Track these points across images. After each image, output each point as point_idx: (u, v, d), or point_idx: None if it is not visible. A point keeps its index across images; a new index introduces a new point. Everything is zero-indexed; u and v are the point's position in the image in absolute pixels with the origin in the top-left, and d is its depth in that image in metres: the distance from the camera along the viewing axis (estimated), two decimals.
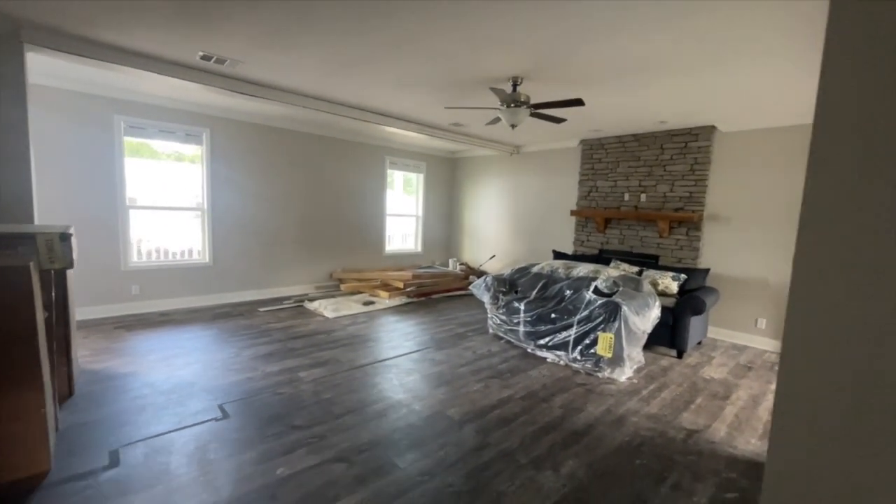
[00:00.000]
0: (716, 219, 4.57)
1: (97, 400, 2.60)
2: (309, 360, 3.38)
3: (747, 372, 3.59)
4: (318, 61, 3.10)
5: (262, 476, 1.94)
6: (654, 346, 4.01)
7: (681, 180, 4.78)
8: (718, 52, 2.56)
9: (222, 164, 4.99)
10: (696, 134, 4.62)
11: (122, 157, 4.33)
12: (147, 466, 1.97)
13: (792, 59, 2.59)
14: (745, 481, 2.06)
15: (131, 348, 3.48)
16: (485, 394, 2.91)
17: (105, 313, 4.32)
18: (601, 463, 2.17)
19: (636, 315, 3.32)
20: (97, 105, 4.13)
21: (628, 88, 3.38)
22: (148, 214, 4.62)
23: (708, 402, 2.95)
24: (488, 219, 7.13)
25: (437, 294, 6.11)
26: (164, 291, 4.71)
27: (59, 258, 2.25)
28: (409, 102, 4.16)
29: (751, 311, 4.36)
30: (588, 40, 2.50)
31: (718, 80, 3.08)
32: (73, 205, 4.06)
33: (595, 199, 5.57)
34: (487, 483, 1.96)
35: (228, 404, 2.59)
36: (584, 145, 5.64)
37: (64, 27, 2.68)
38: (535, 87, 3.40)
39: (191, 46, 2.91)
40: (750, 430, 2.58)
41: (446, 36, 2.54)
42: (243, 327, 4.18)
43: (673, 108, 3.89)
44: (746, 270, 4.38)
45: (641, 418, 2.67)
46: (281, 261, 5.64)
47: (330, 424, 2.41)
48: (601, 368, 3.31)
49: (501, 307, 4.12)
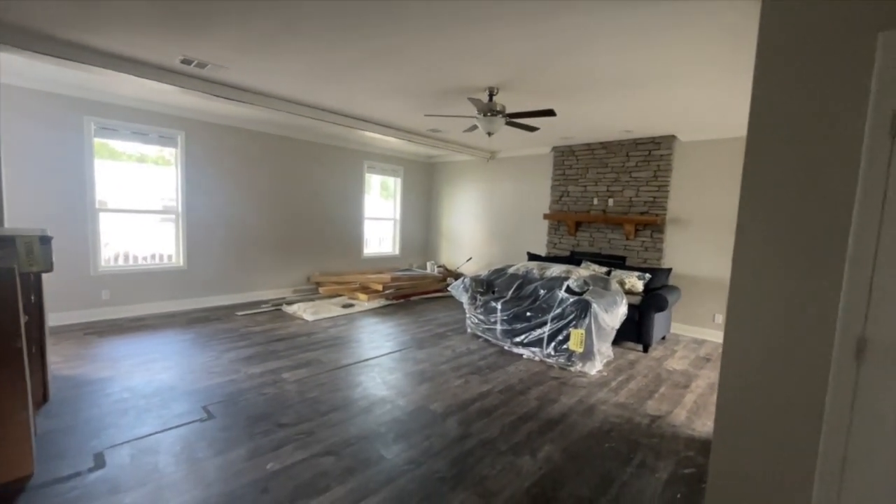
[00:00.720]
0: (677, 222, 4.91)
1: (74, 405, 2.56)
2: (291, 361, 3.42)
3: (706, 363, 3.88)
4: (302, 68, 3.18)
5: (253, 471, 1.99)
6: (622, 342, 4.26)
7: (645, 186, 5.10)
8: (673, 68, 2.82)
9: (198, 167, 4.93)
10: (659, 143, 4.96)
11: (91, 158, 4.23)
12: (135, 467, 1.99)
13: (736, 75, 2.88)
14: (700, 458, 2.28)
15: (105, 354, 3.41)
16: (465, 388, 3.05)
17: (74, 319, 4.18)
18: (574, 447, 2.34)
19: (605, 312, 3.54)
20: (66, 105, 4.03)
21: (596, 100, 3.62)
22: (119, 217, 4.51)
23: (670, 391, 3.20)
24: (465, 222, 7.30)
25: (416, 296, 6.21)
26: (136, 296, 4.60)
27: (37, 261, 2.23)
28: (390, 109, 4.28)
29: (709, 307, 4.70)
30: (559, 56, 2.70)
31: (674, 94, 3.36)
32: (41, 207, 3.93)
33: (566, 204, 5.84)
34: (471, 469, 2.09)
35: (213, 405, 2.61)
36: (556, 152, 5.91)
37: (38, 27, 2.65)
38: (511, 97, 3.59)
39: (171, 50, 2.92)
40: (707, 414, 2.82)
41: (427, 48, 2.68)
42: (222, 331, 4.15)
43: (637, 118, 4.18)
44: (704, 270, 4.72)
45: (610, 407, 2.87)
46: (258, 264, 5.60)
47: (317, 421, 2.48)
48: (573, 363, 3.51)
49: (479, 307, 4.27)
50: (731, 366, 1.56)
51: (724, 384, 1.58)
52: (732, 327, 1.54)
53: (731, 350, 1.55)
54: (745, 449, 1.53)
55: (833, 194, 1.33)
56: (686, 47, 2.46)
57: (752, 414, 1.50)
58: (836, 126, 1.32)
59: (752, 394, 1.50)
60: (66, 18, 2.50)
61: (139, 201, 4.64)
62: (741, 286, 1.52)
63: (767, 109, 1.46)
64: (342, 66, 3.08)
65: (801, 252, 1.38)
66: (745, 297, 1.52)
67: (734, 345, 1.54)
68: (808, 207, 1.37)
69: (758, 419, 1.49)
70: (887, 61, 1.21)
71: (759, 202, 1.47)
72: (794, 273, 1.40)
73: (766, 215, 1.46)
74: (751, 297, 1.50)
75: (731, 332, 1.55)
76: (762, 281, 1.47)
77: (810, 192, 1.37)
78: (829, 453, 1.33)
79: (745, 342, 1.51)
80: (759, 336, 1.48)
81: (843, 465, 1.30)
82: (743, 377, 1.52)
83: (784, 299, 1.42)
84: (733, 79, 2.92)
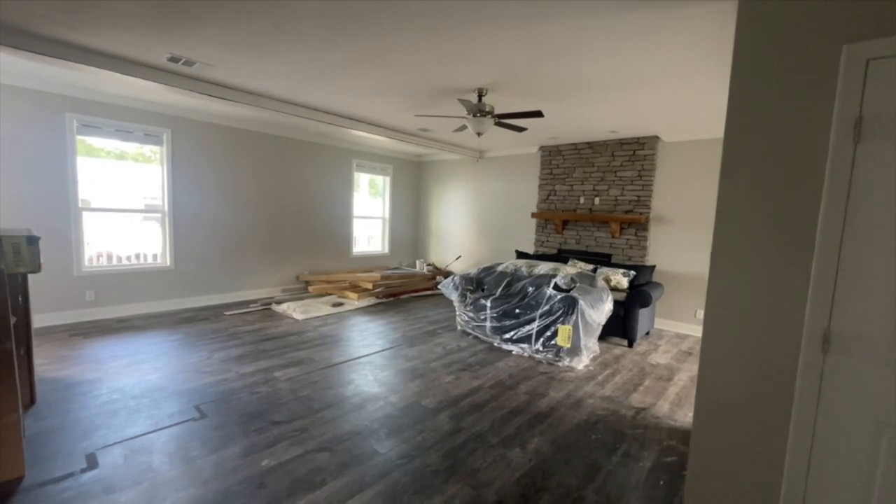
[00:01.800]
0: (660, 220, 5.05)
1: (62, 407, 2.54)
2: (283, 360, 3.43)
3: (688, 357, 4.02)
4: (291, 68, 3.18)
5: (248, 468, 2.02)
6: (607, 337, 4.38)
7: (630, 185, 5.22)
8: (655, 72, 2.91)
9: (184, 165, 4.88)
10: (643, 143, 5.08)
11: (74, 156, 4.15)
12: (128, 466, 1.99)
13: (715, 79, 2.99)
14: (682, 447, 2.38)
15: (91, 355, 3.37)
16: (456, 384, 3.11)
17: (57, 320, 4.11)
18: (562, 439, 2.42)
19: (592, 308, 3.64)
20: (47, 102, 3.94)
21: (582, 101, 3.71)
22: (101, 216, 4.43)
23: (654, 384, 3.31)
24: (454, 220, 7.35)
25: (406, 294, 6.25)
26: (122, 297, 4.53)
27: (25, 262, 2.20)
28: (380, 109, 4.30)
29: (691, 303, 4.86)
30: (546, 59, 2.77)
31: (657, 97, 3.46)
32: (22, 206, 3.85)
33: (554, 203, 5.94)
34: (463, 461, 2.15)
35: (205, 405, 2.62)
36: (544, 152, 6.00)
37: (24, 25, 2.60)
38: (499, 98, 3.65)
39: (159, 48, 2.89)
40: (688, 406, 2.94)
41: (416, 50, 2.72)
42: (211, 331, 4.12)
43: (622, 119, 4.28)
44: (687, 267, 4.87)
45: (597, 400, 2.97)
46: (246, 264, 5.56)
47: (310, 419, 2.51)
48: (561, 358, 3.60)
49: (469, 305, 4.34)
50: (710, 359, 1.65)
51: (703, 377, 1.67)
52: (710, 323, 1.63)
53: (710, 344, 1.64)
54: (722, 438, 1.62)
55: (804, 196, 1.42)
56: (667, 52, 2.56)
57: (728, 405, 1.60)
58: (807, 131, 1.41)
59: (728, 386, 1.59)
60: (50, 15, 2.46)
61: (121, 199, 4.57)
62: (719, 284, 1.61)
63: (742, 112, 1.55)
64: (332, 65, 3.10)
65: (774, 250, 1.47)
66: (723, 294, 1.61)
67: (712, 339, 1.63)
68: (781, 208, 1.46)
69: (734, 409, 1.58)
70: (850, 72, 1.30)
71: (735, 203, 1.56)
72: (769, 270, 1.49)
73: (742, 216, 1.55)
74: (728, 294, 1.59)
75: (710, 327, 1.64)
76: (738, 278, 1.56)
77: (783, 194, 1.46)
78: (797, 440, 1.42)
79: (723, 337, 1.60)
80: (735, 331, 1.58)
81: (811, 451, 1.40)
82: (720, 370, 1.61)
83: (759, 296, 1.51)
84: (713, 83, 3.03)
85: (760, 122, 1.50)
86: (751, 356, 1.53)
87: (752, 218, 1.52)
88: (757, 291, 1.51)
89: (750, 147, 1.52)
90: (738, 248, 1.56)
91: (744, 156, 1.53)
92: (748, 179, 1.52)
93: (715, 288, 1.62)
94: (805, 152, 1.41)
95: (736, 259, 1.56)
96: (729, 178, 1.56)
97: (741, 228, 1.55)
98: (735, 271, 1.56)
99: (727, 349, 1.59)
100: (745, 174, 1.53)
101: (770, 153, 1.48)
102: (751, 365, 1.53)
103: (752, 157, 1.52)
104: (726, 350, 1.59)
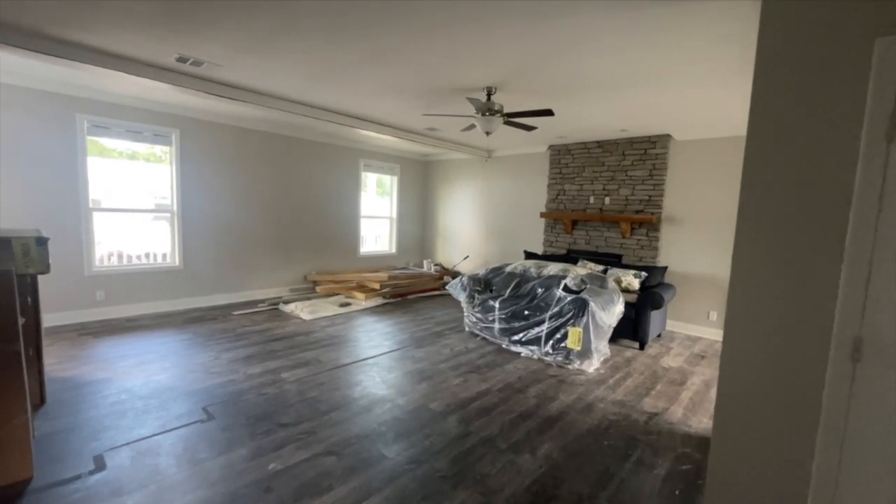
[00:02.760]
0: (672, 220, 4.95)
1: (71, 407, 2.54)
2: (290, 361, 3.42)
3: (700, 360, 3.94)
4: (300, 68, 3.16)
5: (255, 471, 2.00)
6: (618, 339, 4.31)
7: (641, 184, 5.14)
8: (667, 69, 2.84)
9: (193, 165, 4.89)
10: (654, 142, 4.99)
11: (84, 157, 4.18)
12: (136, 468, 1.98)
13: (730, 76, 2.91)
14: (697, 454, 2.31)
15: (101, 355, 3.39)
16: (464, 387, 3.06)
17: (68, 320, 4.14)
18: (573, 445, 2.37)
19: (602, 310, 3.58)
20: (57, 103, 3.97)
21: (592, 99, 3.64)
22: (111, 216, 4.46)
23: (667, 388, 3.24)
24: (462, 220, 7.31)
25: (413, 294, 6.22)
26: (131, 296, 4.56)
27: (34, 263, 2.21)
28: (387, 108, 4.27)
29: (703, 305, 4.76)
30: (555, 57, 2.71)
31: (668, 94, 3.38)
32: (33, 207, 3.88)
33: (563, 202, 5.86)
34: (472, 467, 2.11)
35: (213, 406, 2.61)
36: (553, 151, 5.93)
37: (35, 26, 2.61)
38: (508, 97, 3.60)
39: (167, 48, 2.89)
40: (702, 411, 2.87)
41: (424, 49, 2.68)
42: (219, 331, 4.13)
43: (632, 117, 4.20)
44: (699, 268, 4.77)
45: (608, 404, 2.91)
46: (254, 263, 5.57)
47: (317, 421, 2.48)
48: (571, 361, 3.54)
49: (477, 306, 4.29)
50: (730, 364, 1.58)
51: (723, 382, 1.61)
52: (731, 326, 1.57)
53: (730, 349, 1.58)
54: (744, 447, 1.56)
55: (831, 196, 1.35)
56: (682, 48, 2.48)
57: (750, 412, 1.53)
58: (835, 129, 1.35)
59: (750, 392, 1.53)
60: (60, 16, 2.46)
61: (131, 199, 4.59)
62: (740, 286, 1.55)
63: (766, 112, 1.48)
64: (340, 65, 3.07)
65: (800, 252, 1.41)
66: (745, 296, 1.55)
67: (733, 343, 1.57)
68: (807, 209, 1.40)
69: (756, 417, 1.52)
70: (883, 66, 1.24)
71: (758, 204, 1.50)
72: (793, 273, 1.43)
73: (765, 216, 1.49)
74: (750, 297, 1.52)
75: (731, 330, 1.58)
76: (761, 281, 1.50)
77: (809, 194, 1.39)
78: (825, 451, 1.36)
79: (744, 341, 1.54)
80: (758, 335, 1.51)
81: (840, 464, 1.34)
82: (742, 376, 1.55)
83: (783, 299, 1.45)
84: (727, 79, 2.95)
85: (786, 120, 1.43)
86: (775, 363, 1.47)
87: (777, 219, 1.46)
88: (781, 296, 1.45)
89: (774, 146, 1.46)
90: (761, 251, 1.49)
91: (768, 155, 1.47)
92: (772, 179, 1.46)
93: (736, 292, 1.56)
94: (833, 151, 1.34)
95: (759, 262, 1.49)
96: (752, 178, 1.50)
97: (764, 230, 1.48)
98: (758, 275, 1.50)
99: (749, 356, 1.53)
100: (769, 174, 1.47)
101: (796, 152, 1.42)
102: (775, 372, 1.47)
103: (776, 157, 1.45)
104: (748, 356, 1.53)
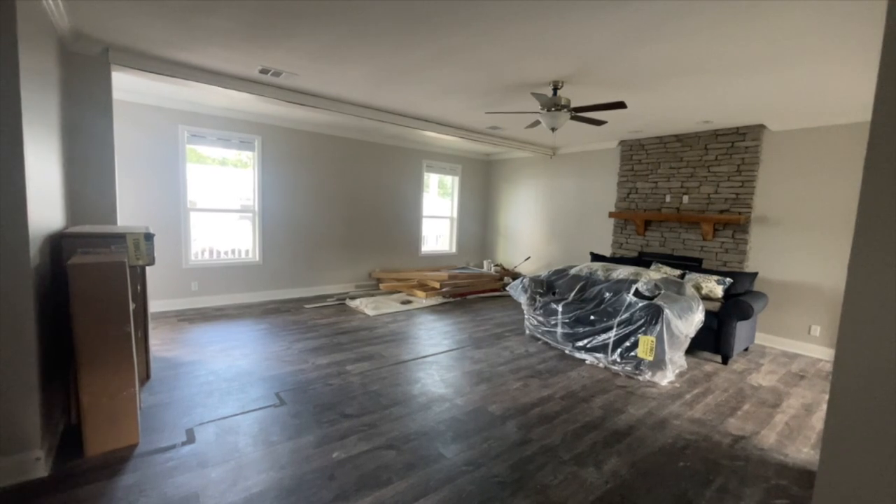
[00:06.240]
0: (764, 221, 4.41)
1: (170, 384, 2.87)
2: (355, 354, 3.56)
3: (799, 380, 3.45)
4: (367, 72, 3.28)
5: (320, 458, 2.10)
6: (696, 351, 3.93)
7: (726, 181, 4.64)
8: (767, 52, 2.51)
9: (272, 169, 5.31)
10: (744, 133, 4.48)
11: (184, 163, 4.71)
12: (219, 444, 2.18)
13: (846, 56, 2.50)
14: (796, 489, 2.02)
15: (194, 339, 3.79)
16: (525, 392, 2.98)
17: (169, 307, 4.70)
18: (644, 462, 2.19)
19: (679, 318, 3.28)
20: (165, 116, 4.52)
21: (671, 90, 3.35)
22: (204, 216, 4.99)
23: (756, 409, 2.88)
24: (523, 220, 7.15)
25: (473, 294, 6.20)
26: (219, 288, 5.06)
27: (143, 256, 2.52)
28: (450, 108, 4.29)
29: (803, 317, 4.17)
30: (634, 44, 2.52)
31: (767, 80, 3.00)
32: (143, 207, 4.46)
33: (635, 201, 5.49)
34: (532, 475, 2.03)
35: (284, 392, 2.80)
36: (624, 146, 5.57)
37: (146, 49, 2.99)
38: (576, 91, 3.43)
39: (251, 61, 3.15)
40: (802, 439, 2.50)
41: (489, 46, 2.64)
42: (291, 322, 4.43)
43: (718, 107, 3.80)
44: (798, 275, 4.19)
45: (684, 422, 2.65)
46: (324, 260, 5.92)
47: (379, 414, 2.55)
48: (642, 371, 3.29)
49: (538, 308, 4.15)
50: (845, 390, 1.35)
51: (833, 409, 1.37)
52: (847, 345, 1.33)
53: (845, 371, 1.34)
54: (860, 487, 1.32)
55: None
56: (780, 28, 2.18)
57: (869, 447, 1.29)
58: None
59: (871, 421, 1.29)
60: (164, 39, 2.79)
61: (220, 201, 5.11)
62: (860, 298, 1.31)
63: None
64: (405, 67, 3.13)
65: None
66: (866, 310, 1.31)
67: (848, 365, 1.33)
68: None
69: (877, 454, 1.28)
70: None
71: (885, 200, 1.26)
72: None
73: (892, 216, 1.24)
74: (873, 311, 1.28)
75: (845, 350, 1.34)
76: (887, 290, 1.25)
77: None
78: None
79: (863, 363, 1.30)
80: (881, 355, 1.27)
81: None
82: (859, 404, 1.31)
83: None
84: (840, 61, 2.54)
85: None
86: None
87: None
88: None
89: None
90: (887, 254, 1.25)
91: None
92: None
93: (854, 305, 1.31)
94: None
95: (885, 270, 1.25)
96: (877, 173, 1.26)
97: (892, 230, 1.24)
98: (883, 284, 1.26)
99: (869, 382, 1.29)
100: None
101: None
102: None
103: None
104: (868, 383, 1.29)
